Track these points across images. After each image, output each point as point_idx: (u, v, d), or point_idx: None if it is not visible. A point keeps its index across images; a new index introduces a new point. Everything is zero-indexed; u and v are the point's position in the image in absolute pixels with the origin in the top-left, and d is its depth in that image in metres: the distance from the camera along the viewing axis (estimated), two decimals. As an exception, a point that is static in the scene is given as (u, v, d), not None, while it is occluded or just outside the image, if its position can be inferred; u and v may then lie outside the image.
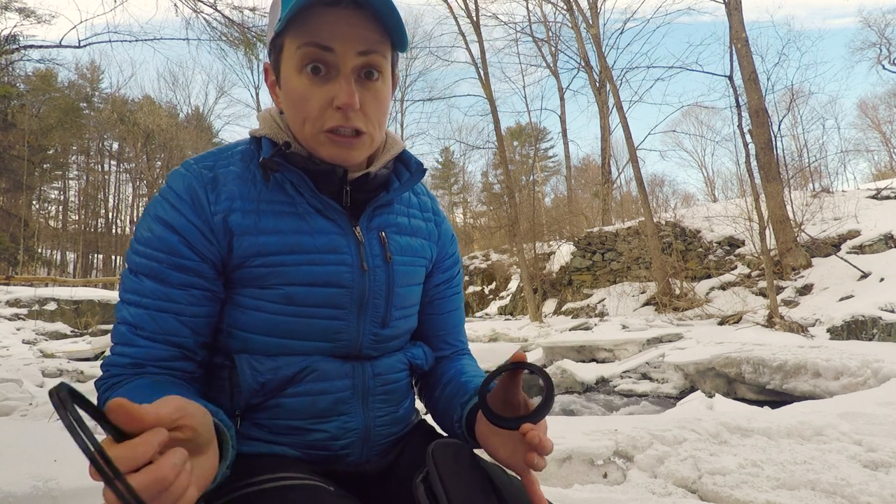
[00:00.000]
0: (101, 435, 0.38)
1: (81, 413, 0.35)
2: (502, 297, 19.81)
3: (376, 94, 0.70)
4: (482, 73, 15.31)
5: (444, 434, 0.88)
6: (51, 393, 0.35)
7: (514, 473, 0.66)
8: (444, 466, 0.63)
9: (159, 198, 0.70)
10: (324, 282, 0.71)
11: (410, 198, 0.87)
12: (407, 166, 0.83)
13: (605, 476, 2.39)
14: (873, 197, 11.00)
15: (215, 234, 0.69)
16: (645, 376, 6.44)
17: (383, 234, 0.78)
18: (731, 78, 9.83)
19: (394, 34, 0.69)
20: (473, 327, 12.65)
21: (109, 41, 7.52)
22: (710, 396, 4.27)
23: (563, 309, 13.17)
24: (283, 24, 0.65)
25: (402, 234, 0.82)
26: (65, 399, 0.34)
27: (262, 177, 0.71)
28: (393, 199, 0.81)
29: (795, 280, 9.00)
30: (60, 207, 34.00)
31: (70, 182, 34.22)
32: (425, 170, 0.83)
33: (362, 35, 0.66)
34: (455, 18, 17.43)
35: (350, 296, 0.73)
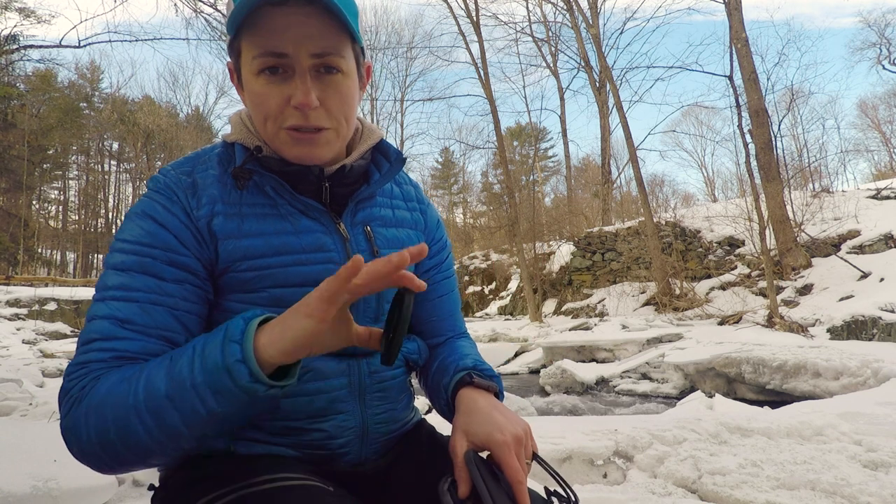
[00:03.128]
0: None
1: None
2: (502, 297, 19.83)
3: (337, 87, 0.68)
4: (482, 73, 15.32)
5: (444, 433, 0.88)
6: None
7: (535, 489, 0.70)
8: (489, 480, 0.63)
9: (146, 199, 0.68)
10: (313, 281, 0.69)
11: (393, 189, 0.86)
12: (386, 156, 0.82)
13: (605, 476, 2.39)
14: (873, 197, 11.01)
15: (203, 238, 0.68)
16: (645, 376, 6.44)
17: (368, 228, 0.77)
18: (731, 78, 9.83)
19: (347, 29, 0.67)
20: (473, 327, 12.66)
21: (109, 41, 7.54)
22: (710, 396, 4.27)
23: (563, 309, 13.17)
24: (234, 30, 0.65)
25: (388, 227, 0.81)
26: None
27: (237, 185, 0.70)
28: (375, 191, 0.80)
29: (795, 280, 9.00)
30: (60, 207, 34.05)
31: (70, 182, 34.29)
32: (405, 159, 0.82)
33: (315, 35, 0.65)
34: (455, 18, 17.46)
35: None
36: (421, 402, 5.02)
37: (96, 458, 0.55)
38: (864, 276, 8.10)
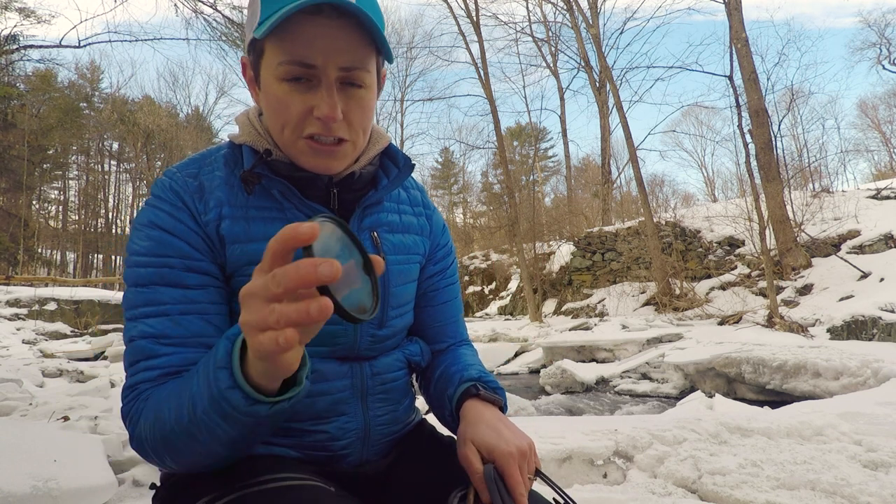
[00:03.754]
0: None
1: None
2: (502, 297, 19.81)
3: (360, 101, 0.68)
4: (482, 73, 15.31)
5: (445, 433, 0.88)
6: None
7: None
8: (507, 499, 0.64)
9: (151, 207, 0.68)
10: None
11: (399, 193, 0.85)
12: (394, 161, 0.82)
13: (605, 476, 2.39)
14: (873, 197, 11.00)
15: (213, 242, 0.68)
16: (645, 376, 6.44)
17: (375, 234, 0.77)
18: (731, 78, 9.83)
19: (378, 45, 0.67)
20: (473, 327, 12.65)
21: (109, 41, 7.54)
22: (710, 396, 4.27)
23: (563, 309, 13.17)
24: (265, 34, 0.62)
25: (395, 232, 0.80)
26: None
27: (246, 189, 0.70)
28: (382, 197, 0.80)
29: (795, 280, 9.00)
30: (60, 207, 34.03)
31: (70, 182, 34.27)
32: (413, 164, 0.82)
33: (345, 49, 0.64)
34: (455, 18, 17.45)
35: None
36: (421, 402, 5.02)
37: (170, 467, 0.61)
38: (864, 276, 8.10)
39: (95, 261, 34.20)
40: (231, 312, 0.70)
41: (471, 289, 21.34)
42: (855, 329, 6.61)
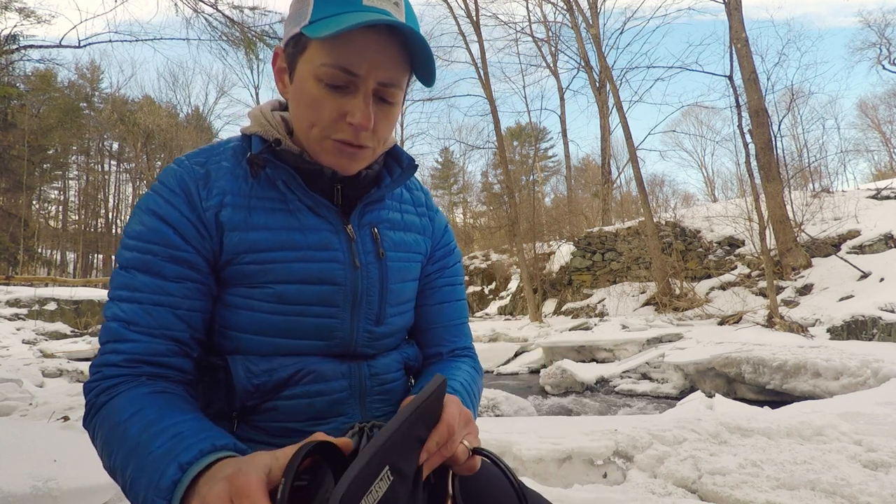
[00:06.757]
0: None
1: None
2: (502, 297, 19.81)
3: (388, 115, 0.71)
4: (482, 73, 15.32)
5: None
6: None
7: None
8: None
9: (151, 193, 0.69)
10: (316, 279, 0.71)
11: (403, 193, 0.86)
12: (398, 162, 0.83)
13: (605, 476, 2.39)
14: (873, 197, 11.01)
15: (207, 230, 0.68)
16: (645, 376, 6.44)
17: (375, 230, 0.78)
18: (731, 78, 9.84)
19: (420, 68, 0.69)
20: (474, 327, 12.67)
21: (109, 41, 7.54)
22: (710, 396, 4.27)
23: (563, 309, 13.17)
24: (319, 36, 0.62)
25: (396, 230, 0.81)
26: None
27: (251, 173, 0.71)
28: (385, 195, 0.81)
29: (795, 280, 9.00)
30: (60, 207, 34.04)
31: (70, 182, 34.30)
32: (417, 165, 0.83)
33: (387, 65, 0.66)
34: (455, 18, 17.46)
35: (342, 293, 0.73)
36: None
37: None
38: (864, 276, 8.10)
39: (95, 261, 34.20)
40: (225, 304, 0.70)
41: (471, 289, 21.34)
42: (855, 329, 6.61)
